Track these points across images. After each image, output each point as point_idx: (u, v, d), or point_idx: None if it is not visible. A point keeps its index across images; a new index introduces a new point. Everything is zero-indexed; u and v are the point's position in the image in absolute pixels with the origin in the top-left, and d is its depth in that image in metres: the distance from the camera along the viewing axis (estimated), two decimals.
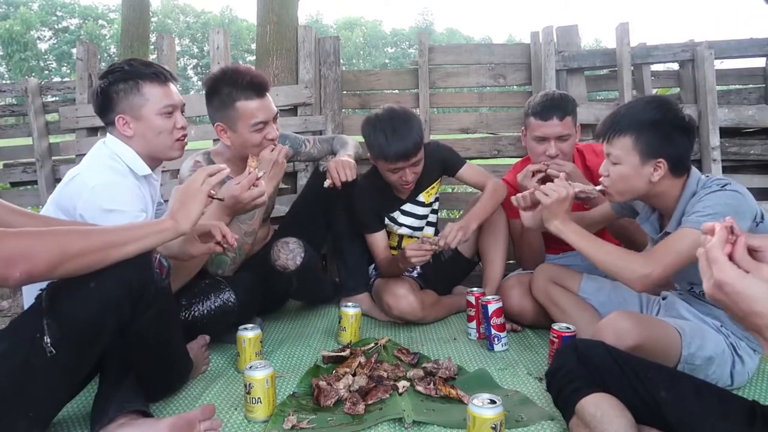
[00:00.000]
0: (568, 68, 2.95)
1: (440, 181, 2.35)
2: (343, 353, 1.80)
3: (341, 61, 3.08)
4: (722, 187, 1.48)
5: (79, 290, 1.20)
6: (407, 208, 2.31)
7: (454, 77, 3.11)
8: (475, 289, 2.11)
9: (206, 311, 1.83)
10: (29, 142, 3.27)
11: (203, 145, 2.78)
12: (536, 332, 2.10)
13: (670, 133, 1.52)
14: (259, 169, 1.77)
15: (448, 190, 2.41)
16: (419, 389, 1.58)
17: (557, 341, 1.69)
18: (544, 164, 2.04)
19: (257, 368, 1.46)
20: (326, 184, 2.07)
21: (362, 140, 2.30)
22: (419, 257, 1.97)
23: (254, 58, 3.29)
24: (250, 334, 1.75)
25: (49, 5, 46.23)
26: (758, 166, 2.94)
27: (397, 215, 2.31)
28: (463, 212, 2.43)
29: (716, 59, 2.89)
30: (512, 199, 1.86)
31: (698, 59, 2.88)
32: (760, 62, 3.11)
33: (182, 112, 1.78)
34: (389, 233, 2.35)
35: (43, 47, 45.50)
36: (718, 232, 0.82)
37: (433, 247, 1.96)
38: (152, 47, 5.46)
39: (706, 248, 0.82)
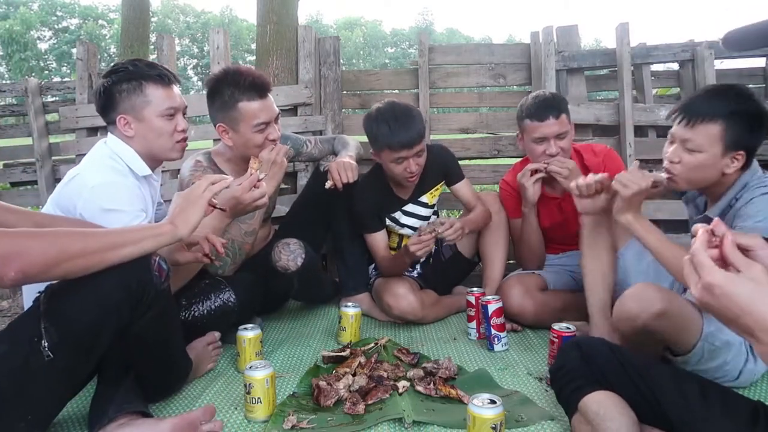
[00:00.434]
0: (568, 68, 2.95)
1: (443, 183, 2.35)
2: (343, 353, 1.80)
3: (341, 61, 3.08)
4: None
5: (77, 293, 1.19)
6: (410, 208, 2.31)
7: (454, 77, 3.10)
8: (475, 289, 2.11)
9: (206, 311, 1.83)
10: (29, 142, 3.27)
11: (203, 145, 2.78)
12: (536, 332, 2.10)
13: (755, 125, 1.47)
14: (260, 171, 1.77)
15: (447, 189, 2.41)
16: (419, 389, 1.58)
17: (557, 341, 1.69)
18: (544, 163, 2.04)
19: (257, 368, 1.46)
20: (327, 185, 2.07)
21: (363, 140, 2.31)
22: (422, 247, 1.97)
23: (254, 58, 3.28)
24: (250, 334, 1.75)
25: (49, 5, 46.25)
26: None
27: (399, 215, 2.31)
28: (462, 213, 2.43)
29: (716, 59, 2.89)
30: (572, 185, 1.79)
31: (698, 59, 2.88)
32: (760, 62, 3.11)
33: (184, 114, 1.78)
34: (390, 233, 2.35)
35: (43, 47, 45.53)
36: (699, 236, 0.81)
37: (431, 234, 1.97)
38: (152, 47, 5.46)
39: (691, 252, 0.80)
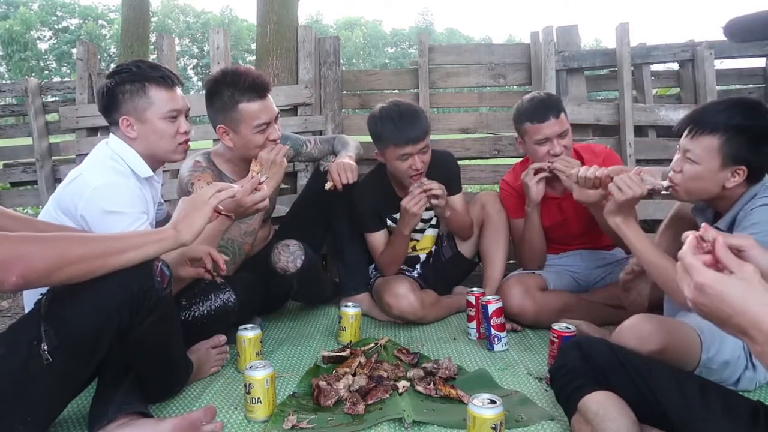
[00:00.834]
0: (568, 68, 2.95)
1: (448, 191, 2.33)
2: (343, 353, 1.80)
3: (341, 61, 3.08)
4: None
5: (78, 297, 1.19)
6: None
7: (454, 77, 3.11)
8: (475, 289, 2.10)
9: (206, 311, 1.83)
10: (29, 142, 3.27)
11: (203, 145, 2.78)
12: (536, 332, 2.10)
13: (758, 141, 1.44)
14: (261, 173, 1.77)
15: None
16: (419, 389, 1.58)
17: (557, 341, 1.69)
18: (549, 162, 2.04)
19: (257, 368, 1.46)
20: (327, 186, 2.07)
21: (363, 140, 2.31)
22: (416, 202, 2.00)
23: (254, 58, 3.28)
24: (250, 334, 1.75)
25: (49, 5, 46.25)
26: None
27: (400, 216, 2.30)
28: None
29: (716, 59, 2.89)
30: (572, 172, 1.81)
31: (698, 59, 2.89)
32: (760, 62, 3.11)
33: (186, 116, 1.78)
34: (391, 233, 2.35)
35: (43, 47, 45.53)
36: (688, 240, 0.82)
37: (422, 188, 2.00)
38: (152, 47, 5.46)
39: (679, 255, 0.81)
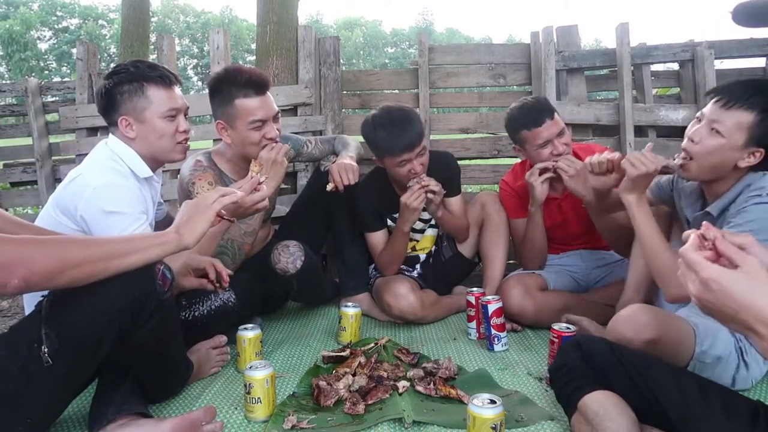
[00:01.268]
0: (568, 68, 2.95)
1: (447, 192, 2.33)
2: (343, 353, 1.80)
3: (341, 61, 3.08)
4: None
5: (79, 300, 1.18)
6: None
7: (454, 77, 3.11)
8: (475, 289, 2.10)
9: (206, 311, 1.83)
10: (29, 142, 3.27)
11: (203, 145, 2.78)
12: (536, 332, 2.10)
13: None
14: (261, 174, 1.77)
15: None
16: (419, 389, 1.58)
17: (557, 341, 1.69)
18: (553, 161, 2.03)
19: (257, 368, 1.46)
20: (329, 188, 2.08)
21: (363, 140, 2.30)
22: (417, 198, 2.01)
23: (254, 58, 3.28)
24: (250, 334, 1.75)
25: (49, 5, 46.24)
26: None
27: (400, 213, 2.30)
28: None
29: (716, 59, 2.89)
30: (586, 160, 1.80)
31: (698, 59, 2.88)
32: (760, 62, 3.11)
33: (186, 115, 1.78)
34: (391, 233, 2.35)
35: (43, 47, 45.53)
36: (691, 238, 0.82)
37: (421, 184, 2.02)
38: (152, 47, 5.46)
39: (680, 253, 0.81)
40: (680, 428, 1.14)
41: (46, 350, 1.14)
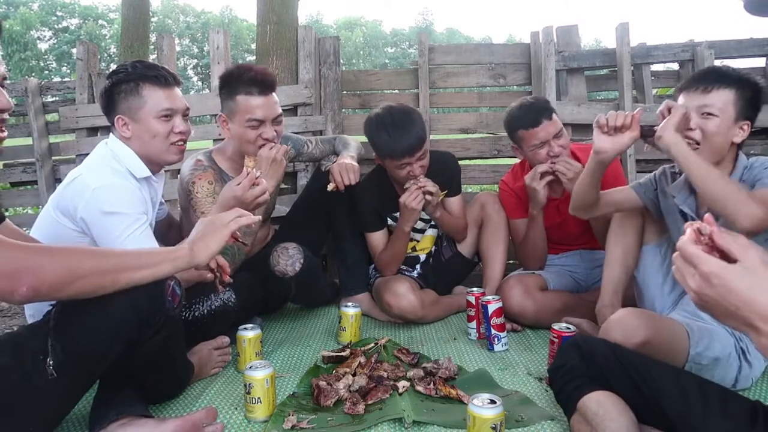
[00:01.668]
0: (568, 68, 2.95)
1: (445, 192, 2.32)
2: (343, 353, 1.80)
3: (341, 61, 3.08)
4: None
5: (87, 313, 1.17)
6: None
7: (454, 77, 3.11)
8: (475, 289, 2.10)
9: (206, 311, 1.83)
10: (29, 142, 3.27)
11: (203, 145, 2.78)
12: (536, 332, 2.10)
13: (757, 102, 1.56)
14: (256, 168, 1.77)
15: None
16: (419, 389, 1.58)
17: (557, 341, 1.69)
18: (551, 164, 2.04)
19: (257, 368, 1.46)
20: (330, 187, 2.08)
21: (363, 140, 2.31)
22: (415, 198, 2.02)
23: (254, 58, 3.28)
24: (250, 334, 1.75)
25: (49, 5, 46.24)
26: None
27: (400, 213, 2.30)
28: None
29: (716, 59, 2.89)
30: (598, 116, 1.67)
31: (698, 59, 2.88)
32: (760, 62, 3.11)
33: (185, 116, 1.77)
34: (391, 233, 2.35)
35: (43, 47, 45.52)
36: (687, 232, 0.80)
37: (415, 184, 2.02)
38: (152, 47, 5.46)
39: (678, 247, 0.79)
40: (679, 428, 1.14)
41: (51, 362, 1.13)
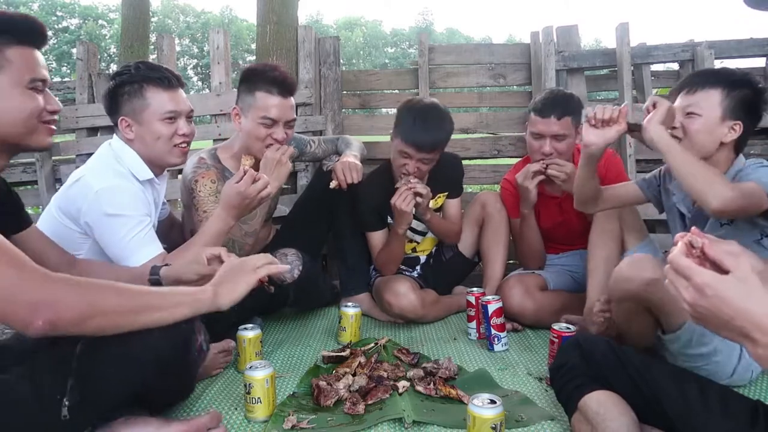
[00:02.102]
0: (568, 68, 2.95)
1: (447, 194, 2.33)
2: (343, 353, 1.80)
3: (341, 61, 3.08)
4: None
5: (112, 359, 1.14)
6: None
7: (454, 77, 3.11)
8: (475, 289, 2.11)
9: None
10: None
11: (203, 145, 2.77)
12: (536, 332, 2.10)
13: (754, 102, 1.57)
14: (251, 166, 1.76)
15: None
16: (419, 389, 1.58)
17: (557, 341, 1.69)
18: (543, 164, 2.04)
19: (257, 368, 1.46)
20: (332, 185, 2.08)
21: (364, 140, 2.31)
22: (403, 198, 1.99)
23: (254, 58, 3.28)
24: (250, 334, 1.75)
25: (49, 5, 46.22)
26: None
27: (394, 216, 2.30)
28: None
29: (716, 59, 2.89)
30: (586, 110, 1.79)
31: (698, 59, 2.88)
32: (760, 62, 3.11)
33: (189, 118, 1.77)
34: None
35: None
36: (679, 245, 0.80)
37: (405, 185, 2.00)
38: (152, 47, 5.46)
39: (669, 260, 0.79)
40: (680, 428, 1.14)
41: (67, 404, 1.10)
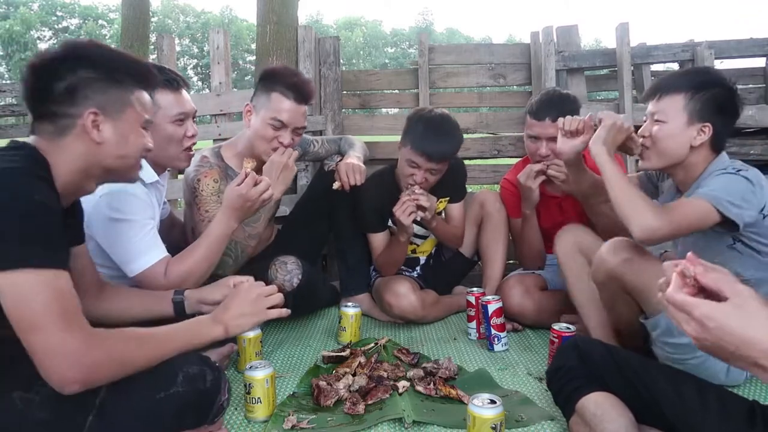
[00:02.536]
0: (568, 68, 2.95)
1: (449, 198, 2.32)
2: (343, 353, 1.80)
3: (341, 61, 3.08)
4: (737, 171, 1.49)
5: (136, 410, 1.13)
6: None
7: (454, 77, 3.11)
8: (475, 289, 2.11)
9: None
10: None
11: (202, 144, 2.77)
12: (536, 332, 2.10)
13: (722, 102, 1.54)
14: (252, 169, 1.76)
15: None
16: (419, 389, 1.58)
17: (557, 341, 1.69)
18: (544, 164, 2.04)
19: (257, 368, 1.46)
20: (335, 186, 2.08)
21: (365, 140, 2.30)
22: (405, 209, 1.97)
23: (254, 58, 3.28)
24: (250, 334, 1.74)
25: (49, 5, 46.23)
26: (758, 165, 2.90)
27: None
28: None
29: (716, 59, 2.89)
30: (558, 120, 1.78)
31: (698, 59, 2.88)
32: (760, 62, 3.11)
33: (194, 119, 1.77)
34: (393, 234, 2.34)
35: (43, 47, 45.44)
36: (673, 279, 0.78)
37: (409, 196, 1.98)
38: (152, 47, 5.46)
39: (667, 297, 0.78)
40: (678, 428, 1.15)
41: None
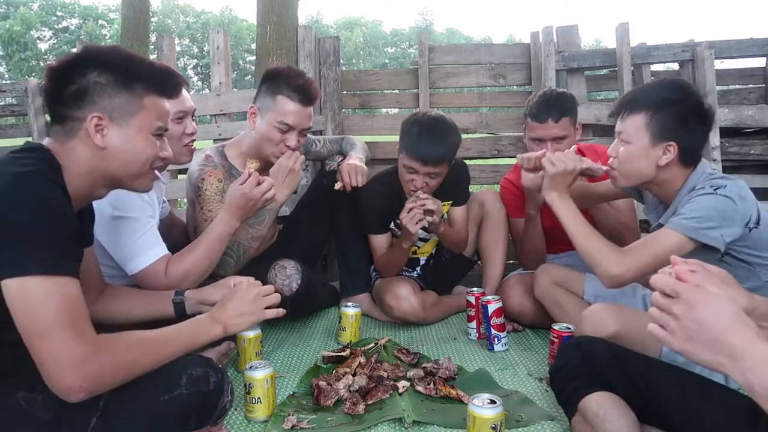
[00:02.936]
0: (568, 68, 2.95)
1: (452, 201, 2.30)
2: (343, 353, 1.80)
3: (341, 61, 3.08)
4: (715, 190, 1.45)
5: (140, 407, 1.13)
6: None
7: (454, 77, 3.11)
8: (475, 289, 2.10)
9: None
10: None
11: (202, 144, 2.77)
12: (536, 332, 2.10)
13: (686, 117, 1.49)
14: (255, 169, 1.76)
15: None
16: (419, 389, 1.58)
17: (557, 341, 1.69)
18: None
19: (257, 368, 1.46)
20: (337, 186, 2.09)
21: (365, 140, 2.29)
22: (412, 219, 1.95)
23: (254, 58, 3.28)
24: (250, 334, 1.74)
25: (49, 5, 46.21)
26: (758, 166, 2.94)
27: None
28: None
29: (716, 59, 2.89)
30: (518, 157, 1.82)
31: (698, 59, 2.88)
32: (760, 62, 3.11)
33: (193, 117, 1.78)
34: (394, 236, 2.33)
35: (43, 47, 45.45)
36: (654, 295, 0.84)
37: (415, 203, 1.96)
38: (152, 47, 5.46)
39: (652, 281, 0.84)
40: (681, 428, 1.14)
41: None
